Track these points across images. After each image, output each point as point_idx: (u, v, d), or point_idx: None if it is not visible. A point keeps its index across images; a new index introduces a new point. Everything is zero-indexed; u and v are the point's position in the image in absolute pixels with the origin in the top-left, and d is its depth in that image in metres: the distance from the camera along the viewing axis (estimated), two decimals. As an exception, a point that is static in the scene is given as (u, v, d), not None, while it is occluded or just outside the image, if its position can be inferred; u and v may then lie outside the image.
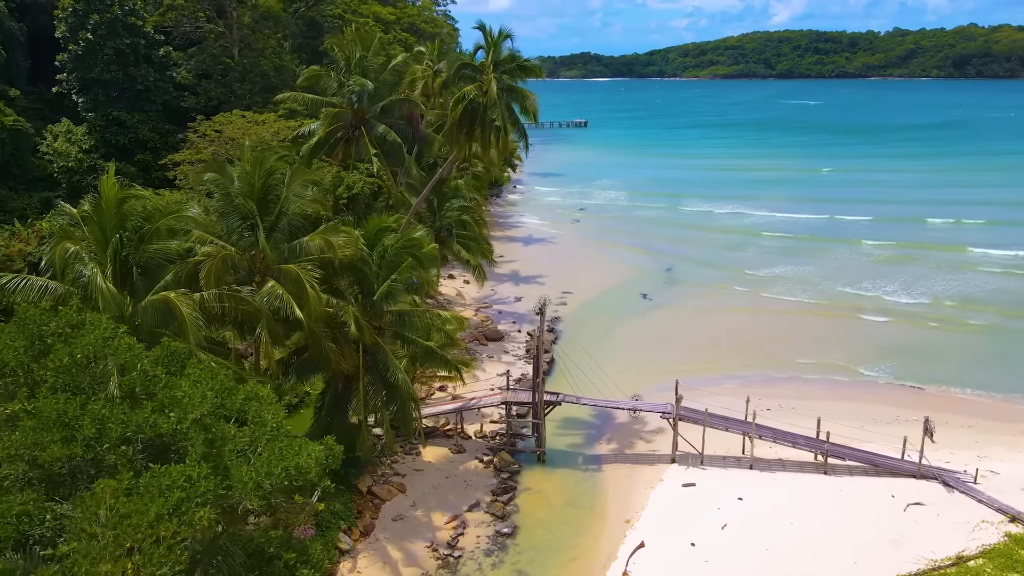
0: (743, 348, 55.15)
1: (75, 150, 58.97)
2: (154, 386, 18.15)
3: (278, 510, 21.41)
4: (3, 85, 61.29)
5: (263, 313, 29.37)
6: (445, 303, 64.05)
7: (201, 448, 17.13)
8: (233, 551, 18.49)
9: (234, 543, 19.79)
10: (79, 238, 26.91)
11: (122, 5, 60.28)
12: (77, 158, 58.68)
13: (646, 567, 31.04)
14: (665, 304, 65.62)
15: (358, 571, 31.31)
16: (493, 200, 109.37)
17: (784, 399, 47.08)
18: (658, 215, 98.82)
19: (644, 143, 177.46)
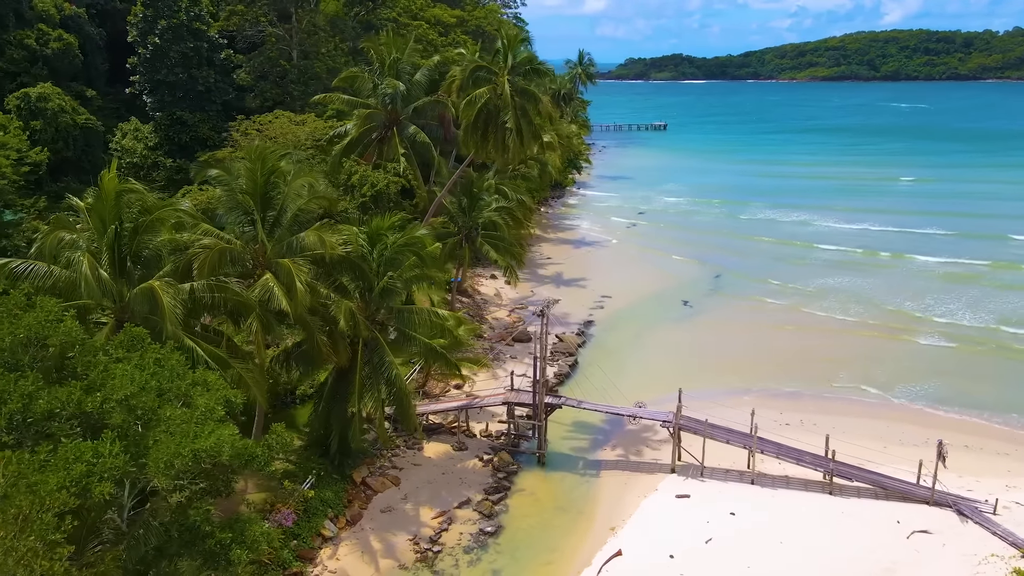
0: (775, 362, 53.32)
1: (141, 147, 62.96)
2: (91, 368, 19.46)
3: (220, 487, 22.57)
4: (81, 86, 66.12)
5: (252, 305, 30.73)
6: (482, 303, 64.87)
7: (118, 426, 18.26)
8: (153, 527, 19.53)
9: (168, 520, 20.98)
10: (83, 228, 29.04)
11: (188, 11, 63.90)
12: (142, 154, 62.63)
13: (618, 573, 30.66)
14: (705, 312, 64.10)
15: (337, 557, 32.28)
16: (553, 202, 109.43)
17: (808, 414, 45.38)
18: (717, 222, 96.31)
19: (723, 148, 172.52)
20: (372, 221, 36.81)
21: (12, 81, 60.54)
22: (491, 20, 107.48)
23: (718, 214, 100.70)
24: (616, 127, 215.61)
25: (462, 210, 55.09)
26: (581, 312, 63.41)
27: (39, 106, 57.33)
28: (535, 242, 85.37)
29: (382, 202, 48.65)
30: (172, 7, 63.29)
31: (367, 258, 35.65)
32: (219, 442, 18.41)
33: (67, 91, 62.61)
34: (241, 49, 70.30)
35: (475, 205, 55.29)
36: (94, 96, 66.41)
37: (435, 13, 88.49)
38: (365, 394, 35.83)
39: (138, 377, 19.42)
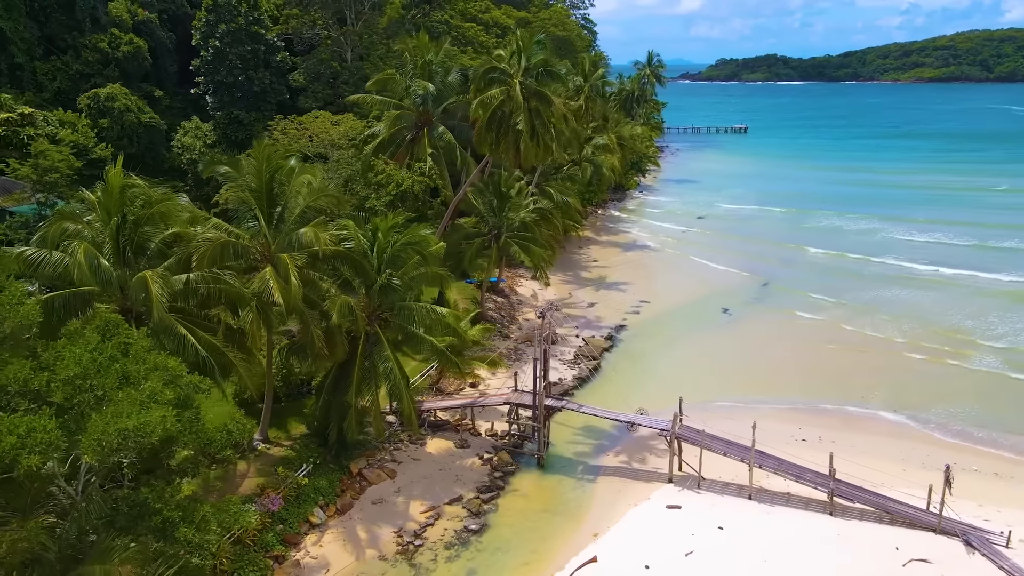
0: (807, 376, 51.25)
1: (200, 144, 66.40)
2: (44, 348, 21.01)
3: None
4: (150, 87, 70.46)
5: (246, 297, 32.17)
6: (516, 303, 65.17)
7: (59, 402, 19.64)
8: (96, 500, 20.86)
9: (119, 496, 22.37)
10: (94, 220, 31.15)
11: (247, 16, 67.02)
12: (200, 152, 66.02)
13: (588, 582, 30.44)
14: (744, 321, 62.29)
15: (321, 544, 33.32)
16: (611, 204, 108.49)
17: (828, 431, 43.57)
18: (777, 230, 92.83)
19: (805, 153, 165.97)
20: (376, 220, 37.69)
21: (87, 82, 65.07)
22: (556, 21, 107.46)
23: (780, 222, 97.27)
24: (694, 130, 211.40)
25: (492, 210, 55.49)
26: (615, 316, 62.81)
27: (107, 105, 61.46)
28: (584, 244, 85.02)
29: (407, 201, 49.71)
30: (232, 12, 66.50)
31: (367, 255, 36.58)
32: (146, 423, 19.43)
33: (136, 91, 66.93)
34: (299, 52, 73.14)
35: (505, 205, 55.55)
36: (162, 96, 70.61)
37: (494, 16, 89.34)
38: (363, 388, 36.94)
39: (85, 359, 20.77)
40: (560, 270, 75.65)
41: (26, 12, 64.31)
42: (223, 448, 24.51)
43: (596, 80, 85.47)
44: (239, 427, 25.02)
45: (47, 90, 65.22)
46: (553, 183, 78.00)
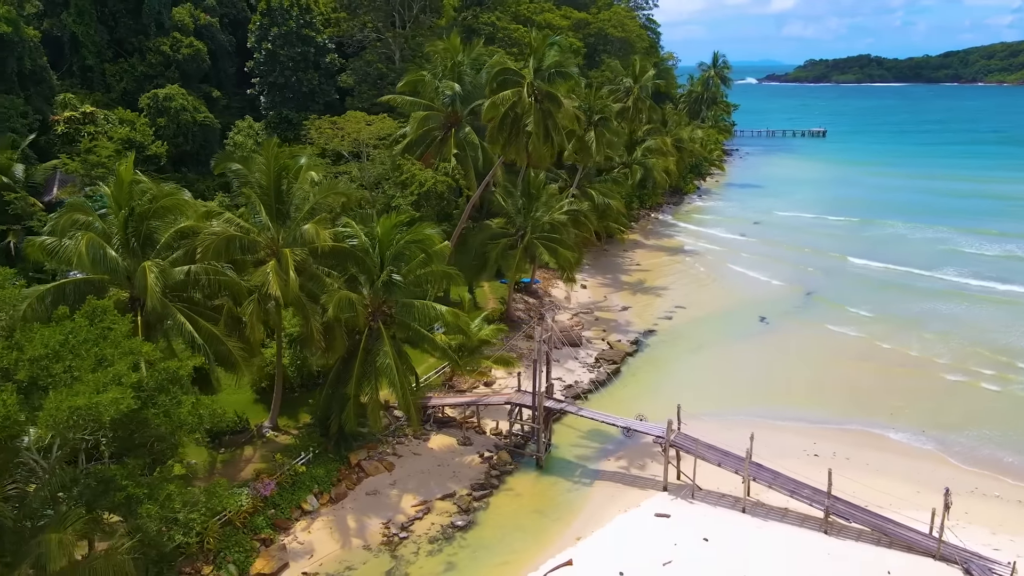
0: (837, 392, 49.33)
1: (250, 143, 69.04)
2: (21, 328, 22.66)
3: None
4: (209, 88, 73.90)
5: (243, 289, 33.61)
6: (550, 304, 65.14)
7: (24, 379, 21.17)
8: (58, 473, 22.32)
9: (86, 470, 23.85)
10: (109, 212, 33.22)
11: (298, 19, 69.51)
12: (251, 150, 68.75)
13: (558, 584, 30.37)
14: (779, 332, 60.38)
15: (309, 531, 34.42)
16: (667, 208, 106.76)
17: (845, 447, 41.97)
18: (834, 238, 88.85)
19: (885, 159, 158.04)
20: (381, 219, 38.58)
21: (150, 83, 68.81)
22: (615, 23, 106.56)
23: (839, 230, 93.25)
24: (769, 133, 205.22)
25: (519, 211, 55.70)
26: (647, 321, 62.01)
27: (165, 105, 64.85)
28: (629, 247, 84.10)
29: (431, 200, 50.59)
30: (284, 15, 69.12)
31: (369, 252, 37.50)
32: (97, 403, 20.66)
33: (195, 92, 70.32)
34: (350, 54, 75.27)
35: (533, 206, 55.65)
36: (219, 96, 73.99)
37: (547, 17, 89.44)
38: (362, 381, 37.90)
39: (53, 341, 22.29)
40: (600, 272, 75.23)
41: (97, 17, 68.62)
42: (191, 431, 25.71)
43: (646, 82, 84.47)
44: (210, 412, 26.16)
45: (114, 90, 69.35)
46: (597, 185, 77.58)
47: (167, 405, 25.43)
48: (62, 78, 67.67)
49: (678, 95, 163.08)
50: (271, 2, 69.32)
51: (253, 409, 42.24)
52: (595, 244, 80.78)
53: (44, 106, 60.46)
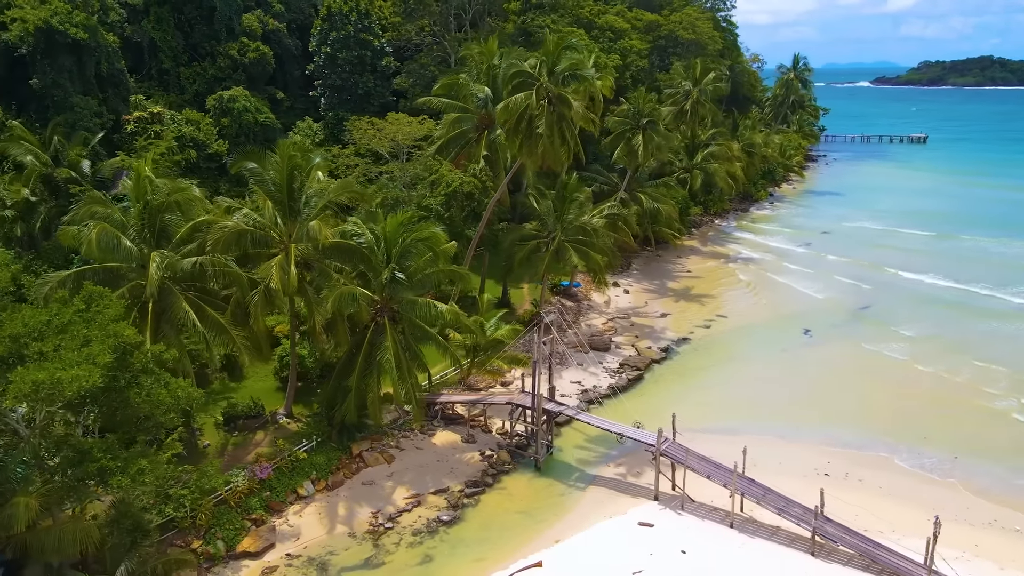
0: (866, 412, 46.91)
1: (308, 142, 72.12)
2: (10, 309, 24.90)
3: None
4: (274, 90, 77.55)
5: (243, 281, 35.43)
6: (586, 308, 64.91)
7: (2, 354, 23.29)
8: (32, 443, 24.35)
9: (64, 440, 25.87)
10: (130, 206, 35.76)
11: (356, 24, 72.01)
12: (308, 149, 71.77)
13: (523, 585, 30.54)
14: (820, 346, 57.95)
15: (300, 515, 35.90)
16: (734, 214, 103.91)
17: (861, 469, 40.22)
18: (904, 251, 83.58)
19: (988, 168, 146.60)
20: (388, 219, 39.71)
21: (219, 85, 72.83)
22: (686, 24, 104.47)
23: (912, 243, 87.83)
24: (864, 138, 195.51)
25: (550, 213, 55.71)
26: (683, 329, 60.81)
27: (228, 105, 68.49)
28: (684, 253, 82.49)
29: (458, 200, 51.52)
30: (343, 20, 71.78)
31: (374, 249, 38.66)
32: (58, 378, 22.48)
33: (260, 94, 74.01)
34: (407, 57, 77.31)
35: (565, 209, 55.55)
36: (283, 98, 77.53)
37: (608, 20, 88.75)
38: (365, 374, 39.13)
39: (33, 320, 24.38)
40: (647, 278, 74.25)
41: (174, 24, 73.26)
42: (167, 412, 27.43)
43: (707, 85, 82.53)
44: (186, 394, 27.84)
45: (188, 92, 73.79)
46: (648, 189, 76.67)
47: (149, 386, 27.36)
48: (141, 80, 72.68)
49: (764, 99, 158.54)
50: (331, 7, 72.13)
51: (273, 396, 44.29)
52: (645, 249, 79.94)
53: (121, 106, 65.06)
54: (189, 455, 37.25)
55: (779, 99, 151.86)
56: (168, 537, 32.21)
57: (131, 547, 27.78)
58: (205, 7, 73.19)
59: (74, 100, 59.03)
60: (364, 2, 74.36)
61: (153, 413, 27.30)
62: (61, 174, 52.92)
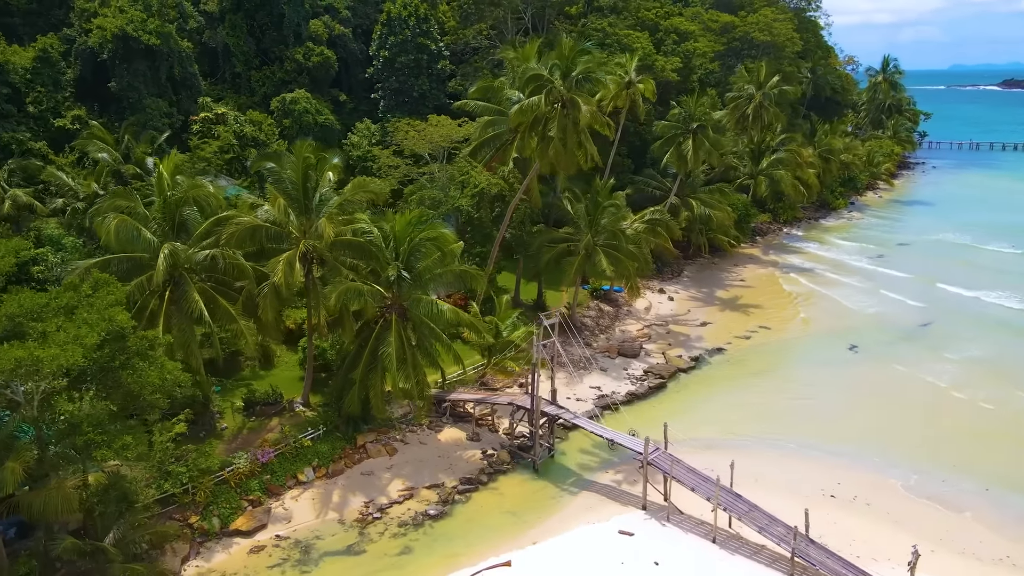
0: (894, 433, 44.47)
1: (365, 143, 74.73)
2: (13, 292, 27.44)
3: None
4: (338, 92, 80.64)
5: (249, 273, 37.36)
6: (624, 313, 64.30)
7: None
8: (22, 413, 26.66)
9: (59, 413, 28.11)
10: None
11: (414, 28, 74.00)
12: (364, 149, 74.38)
13: (487, 583, 30.91)
14: (864, 363, 55.14)
15: (296, 499, 37.52)
16: (805, 222, 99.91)
17: (875, 492, 38.44)
18: (983, 267, 77.74)
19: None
20: (398, 218, 40.89)
21: (285, 88, 76.48)
22: (762, 26, 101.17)
23: (994, 260, 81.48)
24: (972, 145, 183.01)
25: (583, 217, 55.51)
26: (721, 339, 59.24)
27: (290, 107, 71.91)
28: (740, 261, 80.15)
29: (486, 201, 52.30)
30: (401, 25, 73.92)
31: (381, 247, 39.89)
32: (37, 356, 24.61)
33: (324, 96, 77.23)
34: (466, 60, 78.77)
35: (598, 212, 55.21)
36: (346, 100, 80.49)
37: (673, 22, 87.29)
38: (369, 369, 40.43)
39: (28, 303, 26.76)
40: (696, 285, 72.70)
41: (247, 30, 77.43)
42: (153, 393, 29.39)
43: (771, 88, 79.87)
44: (172, 377, 29.74)
45: (257, 94, 77.77)
46: (702, 194, 74.99)
47: (140, 368, 29.45)
48: (216, 83, 77.30)
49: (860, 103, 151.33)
50: (391, 13, 74.41)
51: (297, 386, 46.24)
52: (702, 256, 78.15)
53: (192, 107, 69.51)
54: (207, 436, 39.97)
55: (873, 103, 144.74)
56: (168, 511, 34.42)
57: (119, 516, 30.07)
58: (275, 13, 76.90)
59: (146, 102, 63.53)
60: (424, 7, 76.34)
61: (141, 393, 29.30)
62: (128, 170, 56.93)
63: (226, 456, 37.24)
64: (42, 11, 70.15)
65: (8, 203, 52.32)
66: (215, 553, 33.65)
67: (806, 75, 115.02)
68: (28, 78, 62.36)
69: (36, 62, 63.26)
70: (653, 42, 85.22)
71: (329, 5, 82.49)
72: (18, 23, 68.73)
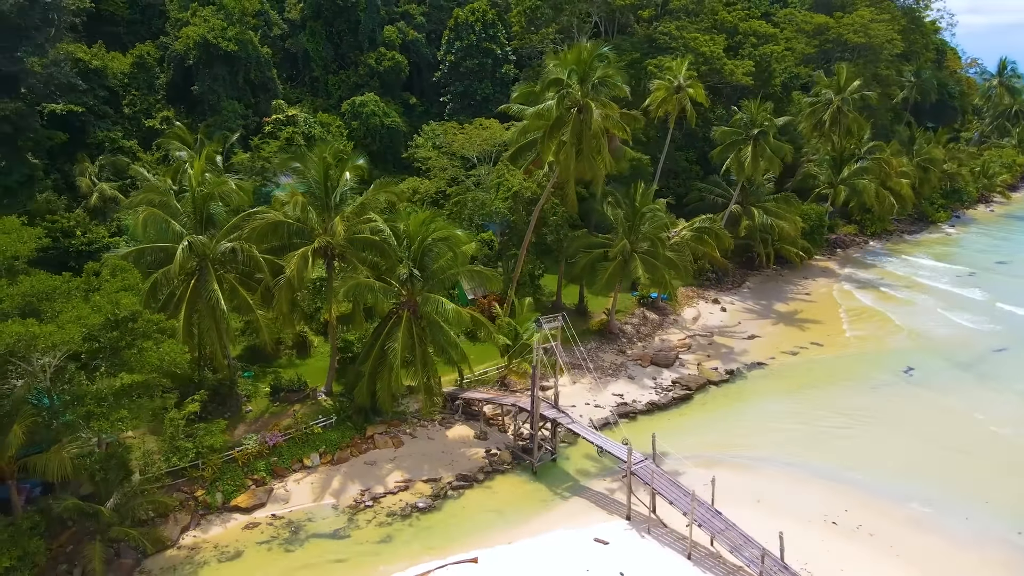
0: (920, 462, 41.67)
1: (429, 145, 76.93)
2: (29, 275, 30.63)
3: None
4: (408, 96, 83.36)
5: (262, 266, 39.59)
6: (668, 323, 63.00)
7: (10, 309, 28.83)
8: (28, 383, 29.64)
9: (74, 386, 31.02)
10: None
11: (480, 33, 75.49)
12: (428, 150, 76.59)
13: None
14: (916, 387, 51.67)
15: (299, 482, 39.42)
16: (896, 235, 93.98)
17: (884, 522, 36.50)
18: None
19: None
20: (411, 217, 42.18)
21: (358, 91, 79.90)
22: (858, 27, 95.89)
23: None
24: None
25: (622, 223, 54.85)
26: (765, 353, 57.01)
27: (359, 110, 75.13)
28: (810, 274, 76.50)
29: (520, 204, 52.81)
30: (468, 31, 75.58)
31: (393, 245, 41.27)
32: (33, 332, 27.40)
33: (395, 100, 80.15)
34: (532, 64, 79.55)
35: (637, 218, 54.44)
36: (416, 103, 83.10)
37: (752, 25, 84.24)
38: (379, 363, 41.88)
39: (40, 285, 29.77)
40: (756, 297, 70.10)
41: (326, 36, 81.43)
42: (151, 371, 31.91)
43: (851, 93, 75.82)
44: (170, 360, 32.16)
45: (333, 97, 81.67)
46: (768, 203, 72.18)
47: (143, 348, 32.11)
48: (296, 86, 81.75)
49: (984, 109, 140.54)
50: (458, 18, 76.22)
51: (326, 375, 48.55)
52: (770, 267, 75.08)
53: (269, 109, 73.96)
54: (231, 417, 42.69)
55: (996, 109, 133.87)
56: (177, 483, 37.13)
57: (119, 483, 32.85)
58: (352, 20, 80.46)
59: (223, 104, 68.16)
60: (492, 13, 77.73)
61: (141, 370, 31.89)
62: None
63: (244, 437, 39.63)
64: (144, 21, 76.45)
65: (96, 196, 57.60)
66: (213, 526, 35.96)
67: (909, 79, 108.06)
68: (125, 82, 68.26)
69: (133, 68, 69.15)
70: (731, 45, 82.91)
71: (405, 12, 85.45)
72: (122, 32, 75.18)
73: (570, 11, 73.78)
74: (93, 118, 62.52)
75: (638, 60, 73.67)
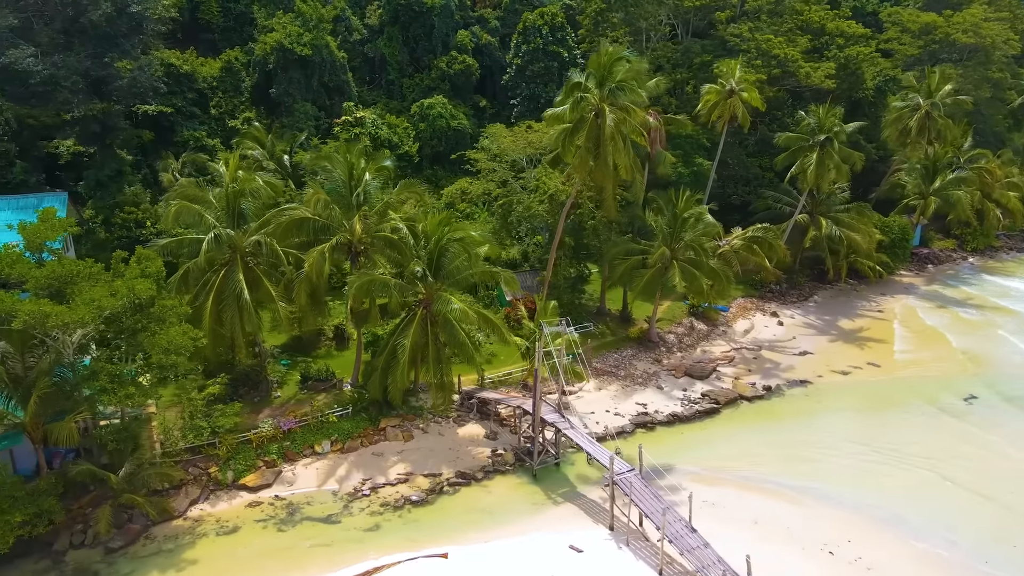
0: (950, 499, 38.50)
1: (494, 147, 77.85)
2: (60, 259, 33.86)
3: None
4: (479, 98, 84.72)
5: (282, 260, 41.62)
6: (716, 335, 60.98)
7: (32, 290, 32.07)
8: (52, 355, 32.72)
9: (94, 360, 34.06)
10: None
11: (546, 37, 75.79)
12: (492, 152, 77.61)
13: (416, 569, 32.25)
14: (974, 417, 47.60)
15: (307, 467, 41.25)
16: (1002, 252, 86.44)
17: (883, 555, 34.07)
18: None
19: None
20: (431, 217, 43.19)
21: (430, 94, 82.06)
22: (966, 27, 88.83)
23: None
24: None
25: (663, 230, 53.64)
26: (813, 371, 54.11)
27: (427, 112, 77.21)
28: (889, 291, 71.55)
29: (554, 206, 52.78)
30: (535, 34, 76.06)
31: (410, 244, 42.40)
32: (44, 311, 30.30)
33: (465, 102, 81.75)
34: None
35: (679, 225, 53.08)
36: (487, 106, 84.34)
37: (839, 25, 79.74)
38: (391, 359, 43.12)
39: (62, 270, 32.82)
40: (821, 312, 66.56)
41: (402, 40, 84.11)
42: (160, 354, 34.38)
43: (943, 98, 70.49)
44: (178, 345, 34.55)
45: (407, 100, 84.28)
46: (840, 213, 68.25)
47: (156, 331, 34.77)
48: (372, 89, 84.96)
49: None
50: (526, 22, 76.82)
51: (359, 366, 50.44)
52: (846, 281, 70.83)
53: (342, 111, 77.37)
54: (260, 401, 45.33)
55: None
56: (195, 459, 39.81)
57: (130, 454, 35.68)
58: (427, 25, 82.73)
59: (296, 106, 71.98)
60: (560, 17, 77.81)
61: (152, 352, 34.51)
62: (268, 166, 65.33)
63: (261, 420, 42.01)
64: (236, 28, 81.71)
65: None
66: (220, 501, 38.28)
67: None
68: (214, 84, 73.40)
69: (221, 72, 74.27)
70: (816, 47, 79.12)
71: (480, 16, 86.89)
72: (217, 38, 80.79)
73: (636, 14, 72.64)
74: (181, 118, 67.62)
75: (708, 63, 71.73)
